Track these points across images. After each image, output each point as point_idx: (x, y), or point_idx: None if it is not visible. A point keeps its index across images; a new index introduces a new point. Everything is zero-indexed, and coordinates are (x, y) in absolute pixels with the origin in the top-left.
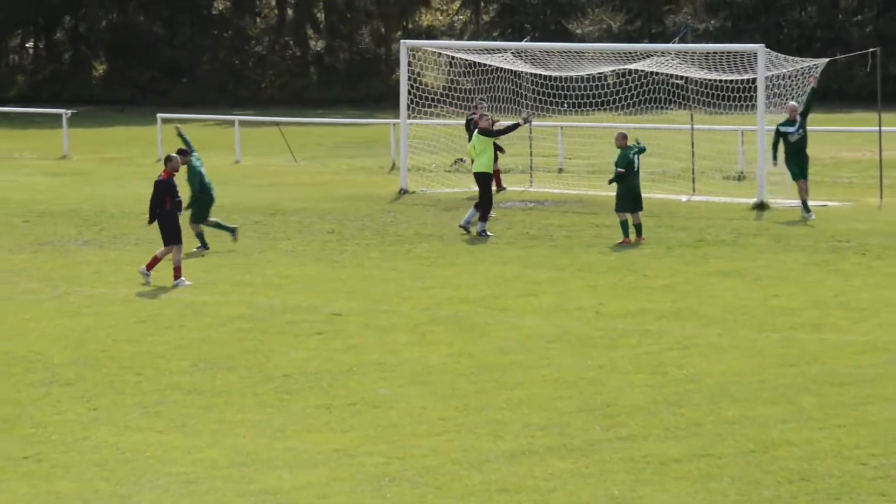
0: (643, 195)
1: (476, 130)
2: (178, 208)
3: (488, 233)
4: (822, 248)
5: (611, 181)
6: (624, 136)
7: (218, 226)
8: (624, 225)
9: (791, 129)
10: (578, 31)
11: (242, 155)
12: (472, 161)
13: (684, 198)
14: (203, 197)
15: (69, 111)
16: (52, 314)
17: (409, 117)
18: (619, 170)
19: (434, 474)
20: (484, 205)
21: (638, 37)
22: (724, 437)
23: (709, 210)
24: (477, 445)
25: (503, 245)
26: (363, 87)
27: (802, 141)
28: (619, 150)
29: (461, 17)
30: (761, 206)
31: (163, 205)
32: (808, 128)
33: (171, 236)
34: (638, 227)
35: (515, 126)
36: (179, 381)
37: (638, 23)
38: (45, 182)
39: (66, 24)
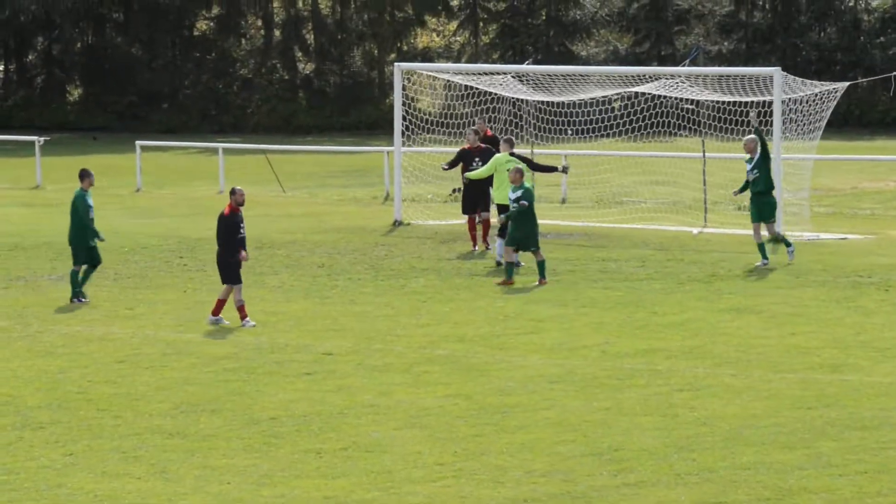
0: (653, 227)
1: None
2: (242, 245)
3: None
4: (842, 284)
5: (508, 217)
6: (520, 172)
7: None
8: (510, 265)
9: (748, 166)
10: (583, 54)
11: (227, 184)
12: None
13: (696, 230)
14: None
15: (42, 138)
16: (24, 354)
17: (403, 144)
18: (524, 202)
19: None
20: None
21: (646, 59)
22: (739, 483)
23: (721, 243)
24: (476, 492)
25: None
26: (355, 112)
27: (759, 183)
28: (520, 186)
29: (459, 38)
30: (777, 240)
31: (223, 242)
32: (828, 156)
33: (229, 275)
34: (541, 266)
35: (552, 169)
36: (160, 424)
37: (646, 45)
38: (16, 213)
39: (38, 46)
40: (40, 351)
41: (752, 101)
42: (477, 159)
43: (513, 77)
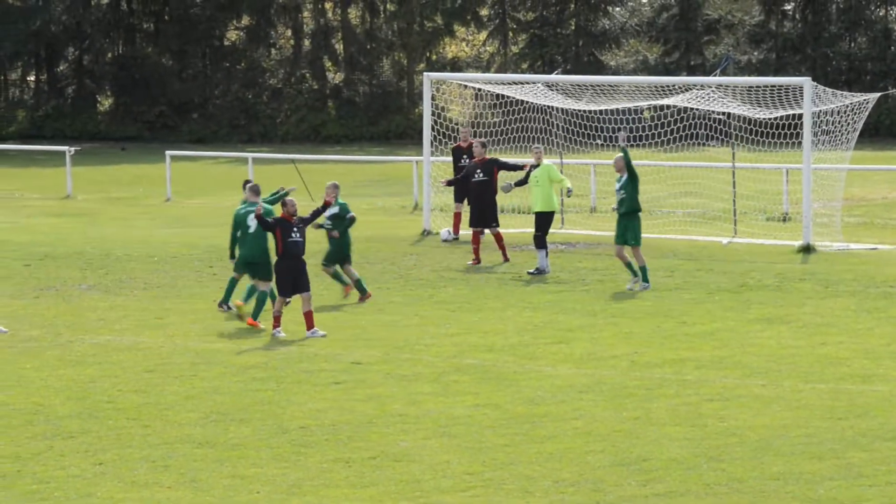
0: (683, 237)
1: (534, 167)
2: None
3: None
4: (873, 294)
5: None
6: (335, 186)
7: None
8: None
9: (617, 185)
10: (612, 63)
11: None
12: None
13: (725, 240)
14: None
15: (73, 148)
16: (54, 363)
17: (432, 154)
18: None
19: None
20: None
21: (676, 69)
22: (768, 494)
23: (751, 253)
24: (505, 502)
25: (532, 290)
26: (384, 122)
27: (623, 203)
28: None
29: (488, 48)
30: (807, 249)
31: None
32: (858, 166)
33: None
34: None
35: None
36: (190, 433)
37: (676, 54)
38: (47, 223)
39: (69, 57)
40: (70, 360)
41: (625, 123)
42: (465, 157)
43: (542, 86)
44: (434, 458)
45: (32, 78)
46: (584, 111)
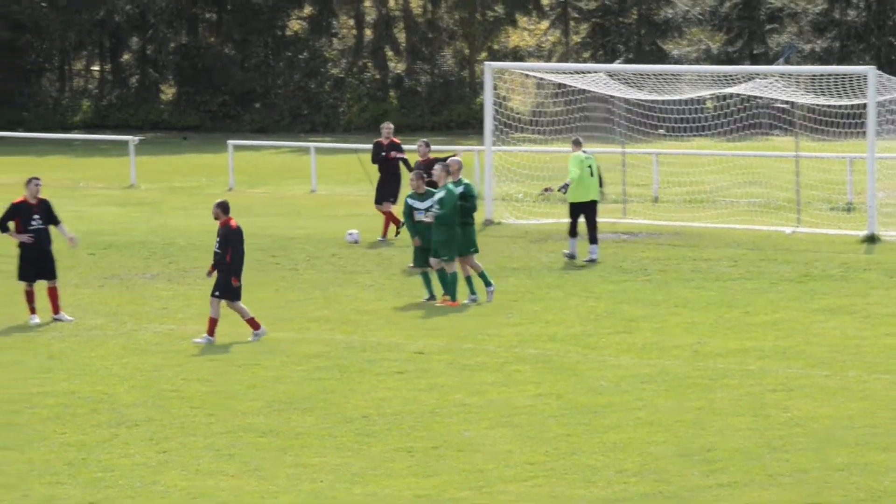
0: (746, 227)
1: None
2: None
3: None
4: None
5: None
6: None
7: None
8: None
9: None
10: (675, 53)
11: (319, 184)
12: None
13: (788, 230)
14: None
15: (136, 138)
16: (118, 352)
17: (494, 143)
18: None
19: None
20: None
21: (739, 58)
22: (832, 485)
23: (815, 243)
24: (567, 492)
25: (595, 279)
26: (445, 111)
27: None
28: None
29: (550, 37)
30: (872, 239)
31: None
32: None
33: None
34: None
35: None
36: (253, 422)
37: (739, 43)
38: (111, 212)
39: (133, 47)
40: (135, 349)
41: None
42: (393, 152)
43: (604, 75)
44: (497, 448)
45: (97, 68)
46: (646, 101)
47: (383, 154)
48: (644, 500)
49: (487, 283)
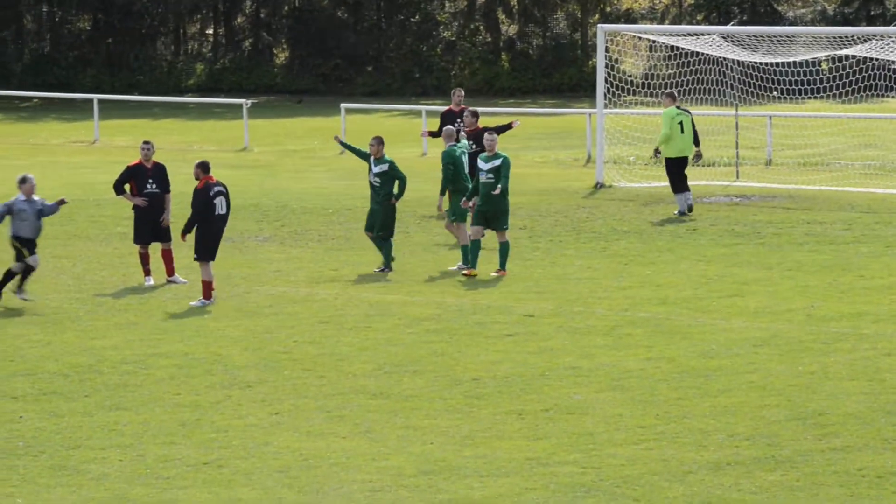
0: (861, 190)
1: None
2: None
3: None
4: None
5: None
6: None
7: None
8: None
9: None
10: (790, 14)
11: (430, 147)
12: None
13: None
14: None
15: (249, 101)
16: (231, 314)
17: (606, 107)
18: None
19: (632, 485)
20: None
21: (855, 20)
22: None
23: None
24: (678, 455)
25: (706, 243)
26: (557, 74)
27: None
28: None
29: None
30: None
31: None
32: None
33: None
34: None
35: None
36: (364, 384)
37: (855, 4)
38: (224, 175)
39: (246, 10)
40: (247, 311)
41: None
42: (471, 143)
43: (718, 37)
44: (607, 411)
45: (210, 31)
46: (760, 63)
47: (459, 123)
48: (756, 464)
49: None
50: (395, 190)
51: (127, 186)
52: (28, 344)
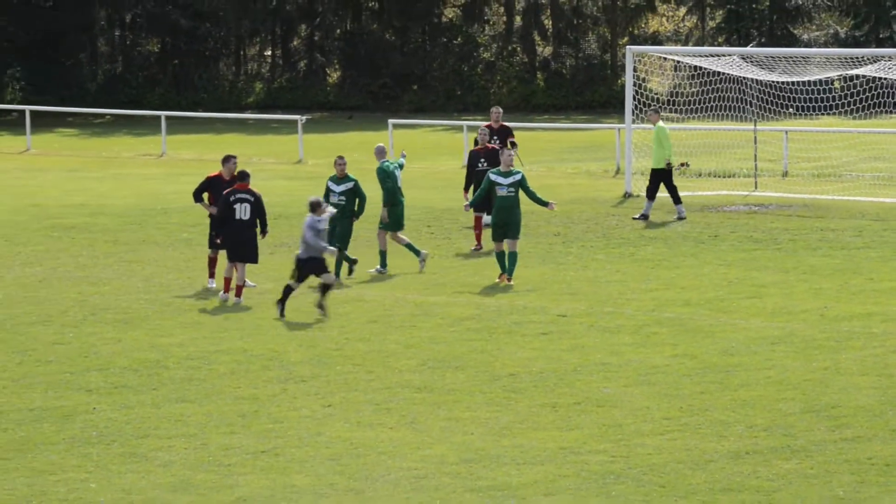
0: (871, 199)
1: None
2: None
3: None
4: None
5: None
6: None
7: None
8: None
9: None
10: (805, 37)
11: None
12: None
13: None
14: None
15: (304, 117)
16: (287, 313)
17: (634, 122)
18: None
19: (658, 473)
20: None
21: (865, 42)
22: None
23: None
24: (701, 445)
25: (727, 248)
26: (589, 92)
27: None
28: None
29: (687, 23)
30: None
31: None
32: None
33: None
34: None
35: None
36: (409, 379)
37: (865, 28)
38: (281, 185)
39: (301, 33)
40: (303, 311)
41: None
42: (482, 161)
43: (738, 58)
44: (634, 404)
45: (269, 53)
46: (777, 82)
47: (495, 139)
48: (773, 454)
49: (417, 253)
50: (356, 208)
51: (205, 195)
52: (101, 341)
